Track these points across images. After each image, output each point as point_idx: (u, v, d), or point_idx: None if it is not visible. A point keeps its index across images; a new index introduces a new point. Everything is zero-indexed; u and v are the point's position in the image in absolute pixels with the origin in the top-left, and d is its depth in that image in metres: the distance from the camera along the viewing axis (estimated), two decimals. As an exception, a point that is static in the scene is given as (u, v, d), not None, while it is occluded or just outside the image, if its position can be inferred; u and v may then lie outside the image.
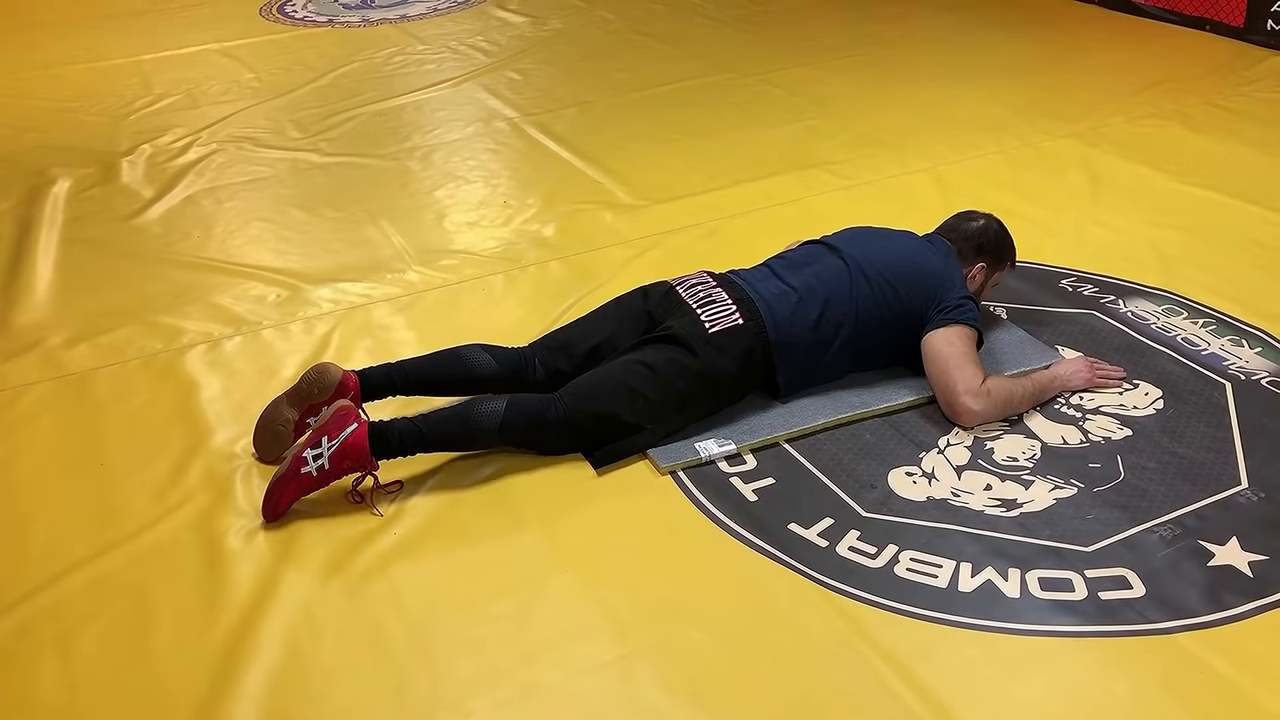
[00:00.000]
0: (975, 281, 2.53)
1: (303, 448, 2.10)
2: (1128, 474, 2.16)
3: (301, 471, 2.08)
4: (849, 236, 2.53)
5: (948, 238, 2.55)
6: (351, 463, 2.10)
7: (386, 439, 2.13)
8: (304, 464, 2.08)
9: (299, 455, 2.09)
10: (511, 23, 5.55)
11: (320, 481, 2.10)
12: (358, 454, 2.10)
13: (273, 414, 2.28)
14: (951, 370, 2.28)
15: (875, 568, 1.95)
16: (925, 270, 2.40)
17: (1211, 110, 3.97)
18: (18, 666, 1.82)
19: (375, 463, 2.13)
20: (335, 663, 1.80)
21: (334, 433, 2.10)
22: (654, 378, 2.22)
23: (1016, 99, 4.17)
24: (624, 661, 1.78)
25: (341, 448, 2.09)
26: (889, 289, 2.36)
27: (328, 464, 2.08)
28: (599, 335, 2.38)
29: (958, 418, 2.28)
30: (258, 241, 3.31)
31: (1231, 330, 2.62)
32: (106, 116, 4.38)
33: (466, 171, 3.77)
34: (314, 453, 2.08)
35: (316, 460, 2.08)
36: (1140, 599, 1.86)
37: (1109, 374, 2.43)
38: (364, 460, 2.11)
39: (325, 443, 2.09)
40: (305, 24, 5.69)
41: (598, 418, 2.19)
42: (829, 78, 4.52)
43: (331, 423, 2.12)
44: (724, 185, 3.54)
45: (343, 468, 2.10)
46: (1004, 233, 2.58)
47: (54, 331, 2.82)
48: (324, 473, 2.09)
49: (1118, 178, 3.47)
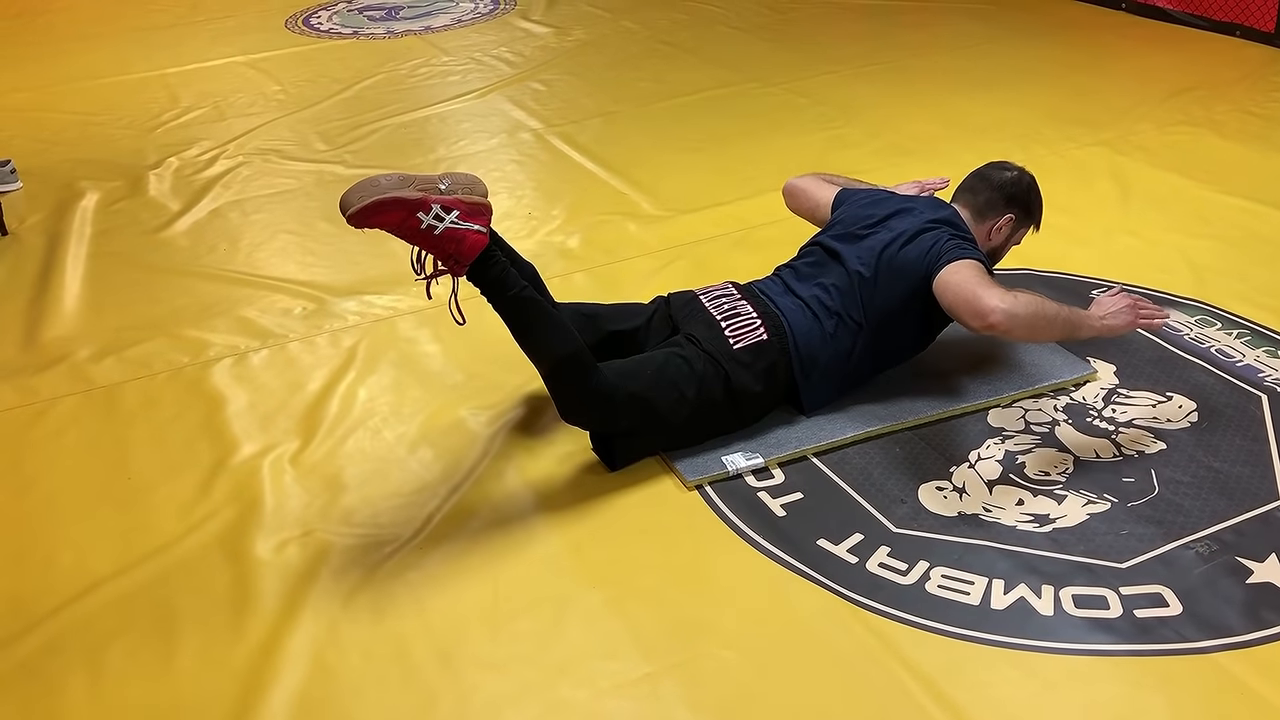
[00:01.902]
0: (1000, 234, 2.46)
1: (436, 200, 1.96)
2: (1162, 488, 2.12)
3: (418, 214, 1.95)
4: (847, 230, 2.45)
5: (976, 186, 2.49)
6: (450, 254, 1.99)
7: (493, 265, 2.03)
8: (426, 210, 1.95)
9: (428, 198, 1.96)
10: (535, 33, 5.56)
11: (419, 237, 1.97)
12: (464, 251, 1.98)
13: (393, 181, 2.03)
14: (969, 285, 2.15)
15: (906, 584, 1.92)
16: (916, 247, 2.31)
17: (1243, 117, 3.93)
18: (46, 682, 1.82)
19: (465, 271, 2.02)
20: (362, 680, 1.79)
21: (466, 216, 1.98)
22: (692, 374, 2.19)
23: (1043, 106, 4.14)
24: (651, 679, 1.76)
25: (460, 234, 1.97)
26: (888, 281, 2.30)
27: (441, 231, 1.95)
28: (627, 325, 2.37)
29: (987, 317, 2.09)
30: (284, 254, 3.32)
31: (1267, 341, 2.58)
32: (133, 130, 4.41)
33: (491, 183, 3.76)
34: (437, 214, 1.96)
35: (437, 220, 1.95)
36: (1177, 617, 1.82)
37: (1153, 313, 2.28)
38: (462, 261, 2.00)
39: (454, 215, 1.97)
40: (330, 36, 5.71)
41: (632, 398, 2.14)
42: (854, 86, 4.50)
43: (470, 207, 2.00)
44: (749, 195, 3.52)
45: (445, 248, 1.98)
46: (1036, 187, 2.51)
47: (82, 345, 2.83)
48: (430, 235, 1.96)
49: (1148, 186, 3.43)
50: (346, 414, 2.48)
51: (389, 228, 1.97)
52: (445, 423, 2.41)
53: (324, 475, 2.28)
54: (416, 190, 1.98)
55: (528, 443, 2.31)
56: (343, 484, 2.25)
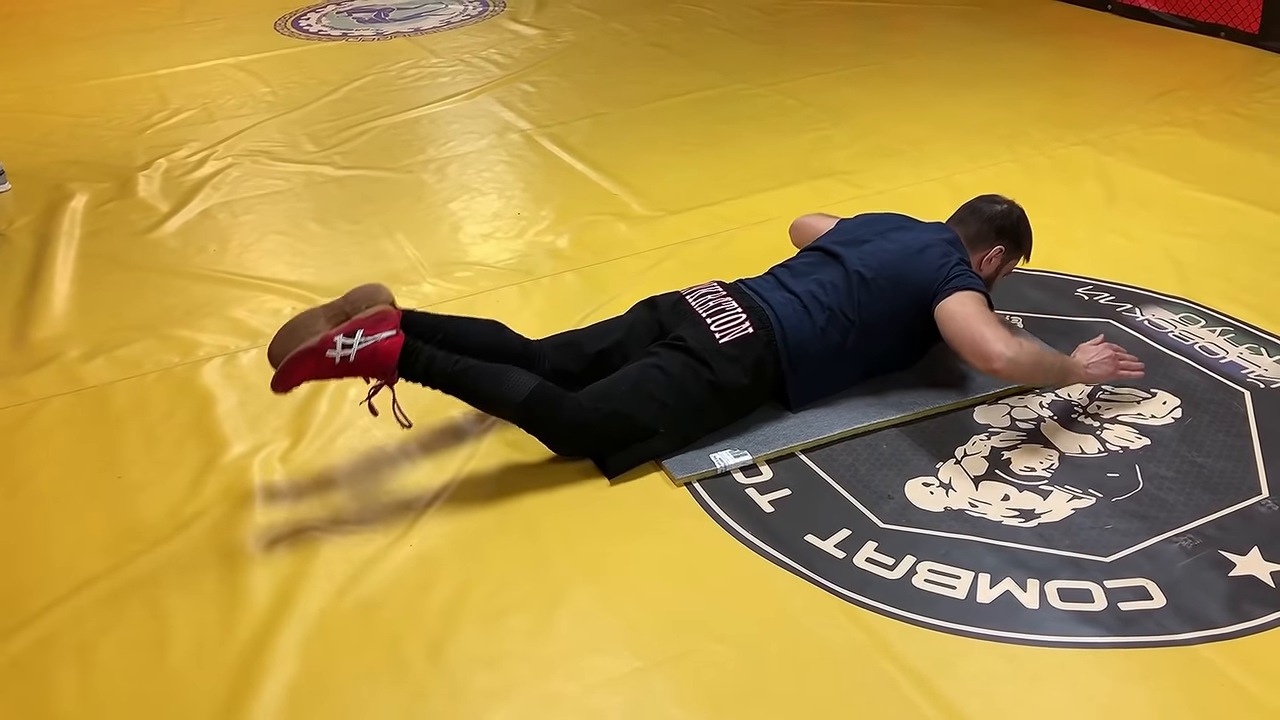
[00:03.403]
0: (991, 265, 2.51)
1: (336, 331, 2.04)
2: (1146, 484, 2.14)
3: (327, 353, 2.02)
4: (849, 237, 2.50)
5: (967, 219, 2.54)
6: (375, 367, 2.05)
7: (417, 359, 2.09)
8: (332, 346, 2.02)
9: (330, 336, 2.04)
10: (525, 35, 5.57)
11: (339, 371, 2.05)
12: (385, 361, 2.05)
13: (306, 322, 2.15)
14: (976, 324, 2.22)
15: (893, 579, 1.94)
16: (923, 262, 2.35)
17: (1227, 117, 3.96)
18: (38, 679, 1.82)
19: (396, 376, 2.08)
20: (352, 676, 1.80)
21: (370, 330, 2.05)
22: (670, 384, 2.21)
23: (1030, 107, 4.17)
24: (641, 674, 1.77)
25: (374, 346, 2.04)
26: (889, 287, 2.34)
27: (354, 357, 2.03)
28: (608, 340, 2.38)
29: (990, 361, 2.18)
30: (273, 255, 3.32)
31: (1250, 338, 2.60)
32: (123, 131, 4.41)
33: (481, 184, 3.78)
34: (345, 340, 2.03)
35: (345, 349, 2.02)
36: (1160, 610, 1.84)
37: (1130, 365, 2.36)
38: (388, 370, 2.06)
39: (360, 335, 2.04)
40: (320, 38, 5.72)
41: (611, 417, 2.18)
42: (842, 87, 4.52)
43: (371, 320, 2.07)
44: (738, 195, 3.54)
45: (366, 367, 2.05)
46: (1025, 220, 2.56)
47: (71, 345, 2.83)
48: (346, 364, 2.04)
49: (1133, 186, 3.46)
50: (336, 413, 2.49)
51: (310, 378, 2.06)
52: (435, 421, 2.42)
53: (314, 474, 2.29)
54: (319, 333, 2.07)
55: (517, 441, 2.32)
56: (333, 482, 2.26)
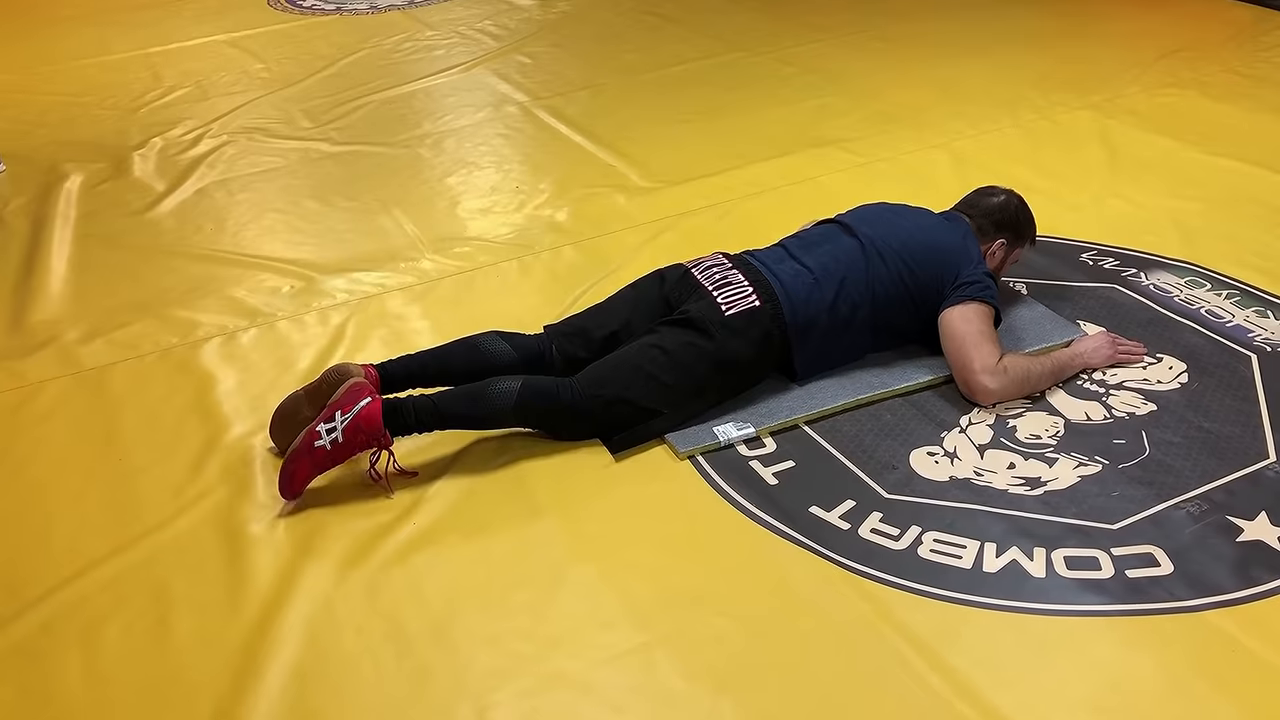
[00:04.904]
0: (995, 258, 2.49)
1: (316, 423, 2.09)
2: (1153, 450, 2.13)
3: (315, 446, 2.06)
4: (864, 214, 2.50)
5: (966, 213, 2.52)
6: (365, 436, 2.08)
7: (401, 413, 2.11)
8: (317, 438, 2.06)
9: (312, 430, 2.08)
10: (520, 6, 5.52)
11: (334, 456, 2.08)
12: (371, 427, 2.08)
13: (291, 407, 2.26)
14: (969, 348, 2.25)
15: (898, 549, 1.93)
16: (941, 247, 2.37)
17: (1231, 78, 3.92)
18: (42, 662, 1.82)
19: (389, 437, 2.11)
20: (356, 655, 1.79)
21: (347, 407, 2.08)
22: (669, 362, 2.19)
23: (1031, 72, 4.13)
24: (645, 649, 1.77)
25: (355, 421, 2.07)
26: (904, 267, 2.33)
27: (341, 437, 2.06)
28: (616, 322, 2.36)
29: (974, 395, 2.26)
30: (271, 233, 3.30)
31: (1256, 301, 2.58)
32: (117, 110, 4.37)
33: (478, 158, 3.75)
34: (327, 427, 2.07)
35: (330, 434, 2.06)
36: (1168, 576, 1.83)
37: (1131, 350, 2.40)
38: (377, 433, 2.09)
39: (339, 417, 2.07)
40: (313, 12, 5.67)
41: (611, 402, 2.17)
42: (841, 54, 4.48)
43: (345, 398, 2.10)
44: (737, 165, 3.51)
45: (356, 441, 2.08)
46: (1024, 209, 2.55)
47: (69, 327, 2.82)
48: (338, 446, 2.07)
49: (1136, 149, 3.42)
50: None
51: (315, 473, 2.10)
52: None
53: (315, 453, 2.28)
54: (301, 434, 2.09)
55: (519, 416, 2.31)
56: (334, 461, 2.25)
